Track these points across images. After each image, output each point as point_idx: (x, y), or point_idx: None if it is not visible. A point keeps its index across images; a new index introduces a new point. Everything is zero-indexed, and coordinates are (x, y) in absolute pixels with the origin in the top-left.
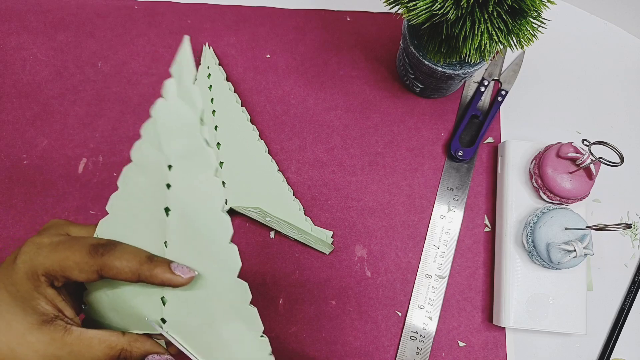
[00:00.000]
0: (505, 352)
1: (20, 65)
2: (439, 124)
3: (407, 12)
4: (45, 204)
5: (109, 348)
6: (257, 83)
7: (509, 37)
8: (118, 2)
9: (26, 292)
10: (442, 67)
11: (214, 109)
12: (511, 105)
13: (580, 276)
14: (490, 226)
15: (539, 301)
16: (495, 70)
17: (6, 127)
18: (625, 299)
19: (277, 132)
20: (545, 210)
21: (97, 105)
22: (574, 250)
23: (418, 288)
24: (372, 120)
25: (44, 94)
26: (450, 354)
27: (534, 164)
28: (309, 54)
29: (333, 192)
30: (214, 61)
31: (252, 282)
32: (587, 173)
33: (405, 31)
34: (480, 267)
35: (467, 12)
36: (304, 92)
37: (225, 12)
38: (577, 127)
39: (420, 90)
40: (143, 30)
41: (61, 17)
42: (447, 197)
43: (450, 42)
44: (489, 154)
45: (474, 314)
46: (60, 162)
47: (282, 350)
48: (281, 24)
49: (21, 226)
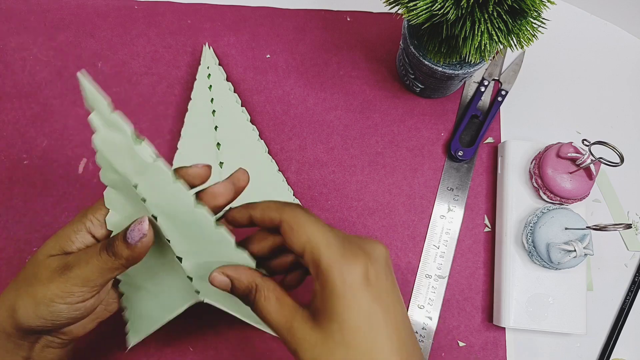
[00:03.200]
0: (505, 352)
1: (20, 65)
2: (439, 124)
3: (407, 12)
4: (45, 204)
5: (93, 247)
6: (257, 83)
7: (509, 37)
8: (118, 2)
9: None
10: (442, 67)
11: (214, 109)
12: (511, 105)
13: (580, 276)
14: (490, 226)
15: (539, 301)
16: (495, 70)
17: (6, 127)
18: (625, 299)
19: (277, 132)
20: (545, 210)
21: None
22: (574, 250)
23: (418, 288)
24: (372, 120)
25: (44, 94)
26: (450, 354)
27: (534, 164)
28: (309, 54)
29: (333, 192)
30: (214, 61)
31: None
32: (587, 173)
33: (405, 31)
34: (480, 267)
35: (467, 12)
36: (304, 92)
37: (225, 12)
38: (577, 127)
39: (420, 90)
40: (143, 30)
41: (61, 17)
42: (447, 197)
43: (450, 42)
44: (489, 154)
45: (474, 314)
46: (60, 162)
47: (282, 350)
48: (281, 24)
49: (21, 226)
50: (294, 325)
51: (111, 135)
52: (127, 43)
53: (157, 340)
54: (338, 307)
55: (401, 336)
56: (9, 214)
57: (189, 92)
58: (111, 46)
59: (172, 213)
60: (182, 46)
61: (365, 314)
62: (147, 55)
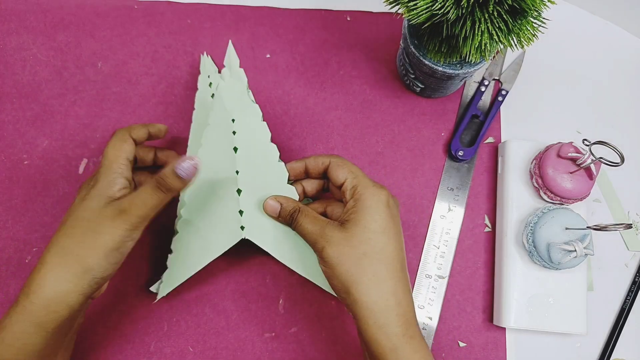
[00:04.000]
0: (506, 352)
1: (20, 65)
2: (439, 123)
3: (408, 12)
4: (45, 204)
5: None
6: (257, 83)
7: (509, 36)
8: (118, 2)
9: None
10: (442, 66)
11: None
12: (511, 105)
13: (581, 276)
14: (490, 226)
15: (540, 301)
16: (495, 70)
17: (6, 127)
18: (626, 299)
19: (277, 132)
20: (545, 210)
21: (97, 105)
22: (575, 250)
23: (418, 288)
24: (372, 120)
25: (44, 94)
26: (451, 354)
27: (535, 163)
28: (309, 54)
29: None
30: (214, 69)
31: (252, 282)
32: (587, 173)
33: (406, 31)
34: (480, 267)
35: (468, 11)
36: (304, 92)
37: (225, 12)
38: (578, 127)
39: (420, 90)
40: (143, 30)
41: (61, 17)
42: (447, 197)
43: (451, 42)
44: (490, 153)
45: (474, 314)
46: (60, 162)
47: (282, 350)
48: (281, 24)
49: (21, 226)
50: (326, 230)
51: (233, 82)
52: (127, 43)
53: (157, 340)
54: (366, 216)
55: (402, 248)
56: (9, 214)
57: (189, 92)
58: (111, 46)
59: (252, 145)
60: (182, 46)
61: (383, 223)
62: (147, 55)
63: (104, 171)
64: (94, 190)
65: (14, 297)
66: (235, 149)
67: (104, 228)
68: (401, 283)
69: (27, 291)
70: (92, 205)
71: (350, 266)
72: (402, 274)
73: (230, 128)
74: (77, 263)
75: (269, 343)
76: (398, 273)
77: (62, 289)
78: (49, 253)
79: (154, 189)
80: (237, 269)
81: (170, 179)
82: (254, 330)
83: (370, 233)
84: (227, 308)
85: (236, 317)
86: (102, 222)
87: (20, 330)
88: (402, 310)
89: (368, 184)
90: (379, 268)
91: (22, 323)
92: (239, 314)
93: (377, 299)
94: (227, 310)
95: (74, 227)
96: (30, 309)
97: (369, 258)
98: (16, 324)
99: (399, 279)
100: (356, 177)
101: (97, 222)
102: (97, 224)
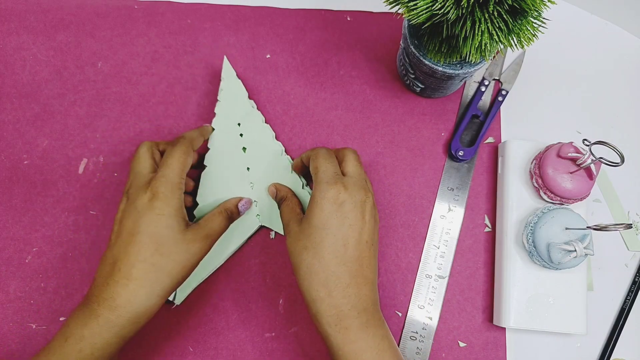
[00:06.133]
0: (506, 352)
1: (20, 65)
2: (439, 123)
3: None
4: (45, 204)
5: (220, 214)
6: (257, 83)
7: (509, 36)
8: (118, 2)
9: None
10: (442, 66)
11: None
12: (512, 105)
13: (581, 276)
14: (490, 226)
15: (540, 301)
16: (495, 70)
17: (6, 127)
18: (626, 299)
19: (277, 132)
20: (545, 210)
21: (97, 105)
22: (575, 250)
23: (418, 288)
24: (372, 120)
25: (44, 94)
26: (451, 354)
27: (535, 163)
28: (309, 54)
29: None
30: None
31: (252, 282)
32: (587, 173)
33: (406, 31)
34: (480, 267)
35: (468, 11)
36: (304, 92)
37: (225, 12)
38: (578, 127)
39: (420, 90)
40: (143, 30)
41: (61, 17)
42: (447, 197)
43: (451, 42)
44: (490, 153)
45: (474, 314)
46: (60, 162)
47: (282, 350)
48: (281, 24)
49: (21, 226)
50: (290, 223)
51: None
52: (127, 43)
53: (157, 340)
54: (311, 211)
55: (348, 244)
56: (9, 214)
57: (189, 92)
58: (111, 46)
59: (259, 144)
60: (182, 46)
61: (324, 219)
62: (147, 55)
63: (172, 188)
64: (167, 207)
65: (14, 297)
66: (244, 149)
67: (193, 249)
68: (334, 276)
69: (112, 305)
70: (172, 225)
71: (295, 258)
72: (342, 269)
73: (237, 131)
74: (169, 279)
75: (269, 343)
76: (333, 267)
77: (151, 304)
78: (137, 269)
79: (225, 218)
80: (237, 269)
81: (235, 212)
82: (254, 330)
83: (312, 228)
84: (227, 308)
85: (236, 317)
86: (192, 244)
87: (103, 342)
88: (334, 302)
89: (323, 179)
90: (312, 261)
91: (106, 334)
92: (239, 314)
93: (308, 289)
94: (227, 310)
95: (162, 245)
96: (117, 322)
97: (307, 251)
98: (98, 335)
99: (333, 273)
100: (317, 173)
101: (186, 243)
102: (187, 244)
